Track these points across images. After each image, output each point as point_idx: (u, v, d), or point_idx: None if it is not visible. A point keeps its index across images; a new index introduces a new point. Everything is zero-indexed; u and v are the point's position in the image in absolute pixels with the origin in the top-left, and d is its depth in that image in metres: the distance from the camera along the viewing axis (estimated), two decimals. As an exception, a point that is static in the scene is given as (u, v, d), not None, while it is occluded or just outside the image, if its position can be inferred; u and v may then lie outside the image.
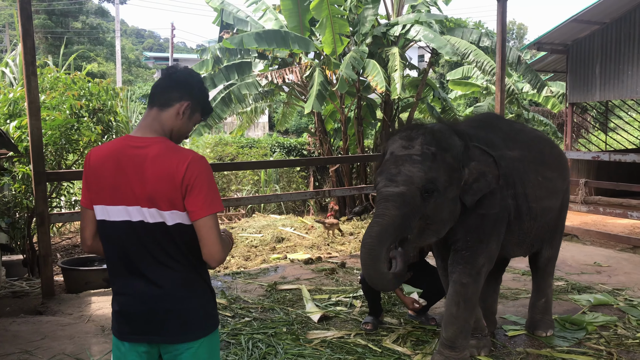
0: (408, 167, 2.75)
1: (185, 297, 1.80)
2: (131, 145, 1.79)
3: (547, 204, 3.31)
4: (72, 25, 32.57)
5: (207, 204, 1.73)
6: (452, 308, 3.02)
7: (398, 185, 2.73)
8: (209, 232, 1.74)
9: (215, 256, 1.76)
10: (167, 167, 1.72)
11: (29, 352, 3.44)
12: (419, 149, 2.80)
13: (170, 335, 1.79)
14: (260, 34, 8.43)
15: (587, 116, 13.15)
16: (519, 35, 40.83)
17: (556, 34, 9.40)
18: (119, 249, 1.81)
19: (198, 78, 1.91)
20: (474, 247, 2.99)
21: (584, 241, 6.67)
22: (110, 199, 1.79)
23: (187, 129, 1.89)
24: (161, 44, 53.85)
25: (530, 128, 3.63)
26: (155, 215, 1.75)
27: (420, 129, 2.90)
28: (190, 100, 1.85)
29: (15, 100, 6.08)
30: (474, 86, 13.00)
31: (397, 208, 2.69)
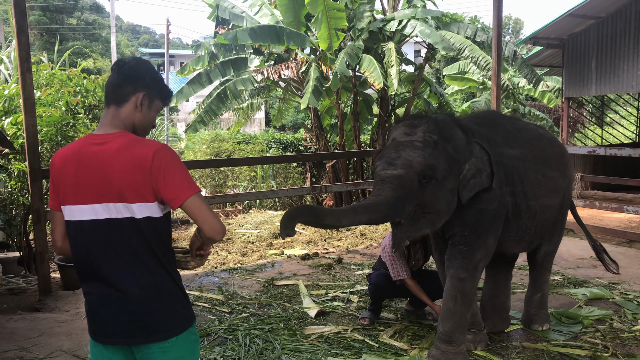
0: (408, 152, 2.77)
1: (152, 299, 1.75)
2: (92, 142, 1.77)
3: (546, 202, 3.30)
4: (67, 22, 32.42)
5: (185, 186, 1.72)
6: (449, 302, 3.02)
7: (396, 168, 2.74)
8: (200, 209, 1.73)
9: (217, 228, 1.75)
10: (132, 159, 1.70)
11: (26, 349, 3.44)
12: (421, 136, 2.81)
13: (138, 337, 1.76)
14: (255, 29, 8.40)
15: (583, 111, 13.18)
16: (515, 30, 40.84)
17: (552, 28, 9.41)
18: (84, 250, 1.78)
19: (147, 66, 1.87)
20: (471, 241, 2.99)
21: (580, 235, 6.69)
22: (74, 199, 1.76)
23: (150, 119, 1.86)
24: (157, 40, 53.67)
25: (533, 126, 3.63)
26: (123, 210, 1.72)
27: (424, 118, 2.92)
28: (145, 90, 1.82)
29: (11, 96, 6.05)
30: (470, 81, 13.01)
31: (392, 189, 2.70)
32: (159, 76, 1.91)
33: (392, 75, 8.37)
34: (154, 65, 2.03)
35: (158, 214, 1.74)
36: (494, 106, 7.59)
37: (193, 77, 9.66)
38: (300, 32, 9.07)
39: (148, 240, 1.74)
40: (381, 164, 2.82)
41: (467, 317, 3.10)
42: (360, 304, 4.21)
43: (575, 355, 3.29)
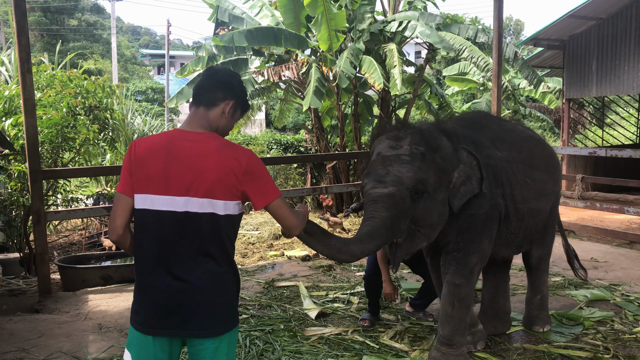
0: (396, 168, 2.67)
1: (217, 292, 1.85)
2: (184, 138, 1.89)
3: (535, 205, 3.26)
4: (67, 23, 32.44)
5: (273, 190, 1.92)
6: (447, 308, 3.01)
7: (387, 186, 2.64)
8: (284, 210, 1.94)
9: (299, 227, 2.03)
10: (228, 160, 1.85)
11: (25, 351, 3.43)
12: (408, 149, 2.72)
13: (198, 329, 1.84)
14: (252, 31, 8.38)
15: (584, 112, 13.17)
16: (515, 31, 40.85)
17: (553, 29, 9.41)
18: (156, 239, 1.84)
19: (238, 78, 2.04)
20: (466, 248, 2.97)
21: (581, 237, 6.69)
22: (156, 189, 1.84)
23: (230, 126, 2.02)
24: (157, 41, 53.72)
25: (522, 127, 3.54)
26: (206, 205, 1.83)
27: (408, 129, 2.82)
28: (234, 99, 1.98)
29: (11, 97, 6.05)
30: (470, 82, 13.01)
31: (386, 209, 2.61)
32: (245, 90, 2.07)
33: (395, 76, 8.36)
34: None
35: (236, 212, 1.90)
36: (495, 107, 7.58)
37: (193, 78, 9.65)
38: (301, 33, 9.07)
39: (222, 235, 1.86)
40: (370, 182, 2.72)
41: (467, 320, 3.09)
42: (361, 306, 4.20)
43: (576, 356, 3.28)
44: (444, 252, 3.05)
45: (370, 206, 2.65)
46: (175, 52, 36.62)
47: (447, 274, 3.01)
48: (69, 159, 6.45)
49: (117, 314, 4.12)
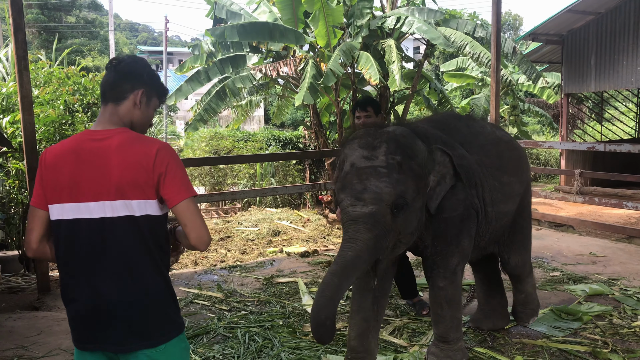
0: (374, 182, 2.47)
1: (140, 303, 1.71)
2: (91, 138, 1.74)
3: (502, 208, 3.20)
4: (65, 20, 32.35)
5: (184, 188, 1.71)
6: (437, 309, 2.98)
7: (366, 205, 2.45)
8: (193, 215, 1.71)
9: (204, 238, 1.72)
10: (135, 155, 1.69)
11: (25, 348, 3.43)
12: (384, 160, 2.51)
13: (125, 343, 1.71)
14: (245, 26, 8.34)
15: (583, 107, 13.18)
16: (514, 26, 40.79)
17: (551, 24, 9.41)
18: (73, 250, 1.72)
19: (143, 63, 1.87)
20: (443, 250, 2.89)
21: (580, 232, 6.70)
22: (68, 197, 1.71)
23: (148, 117, 1.86)
24: (155, 38, 53.60)
25: (490, 129, 3.42)
26: (120, 208, 1.68)
27: (382, 135, 2.61)
28: (143, 87, 1.81)
29: (8, 95, 6.04)
30: (469, 78, 13.00)
31: (368, 230, 2.43)
32: (156, 74, 1.91)
33: (393, 72, 8.35)
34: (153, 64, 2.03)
35: (157, 213, 1.72)
36: (493, 102, 7.58)
37: (192, 75, 9.64)
38: (299, 29, 9.04)
39: (145, 241, 1.70)
40: (347, 199, 2.51)
41: (459, 317, 3.05)
42: (360, 301, 4.20)
43: (575, 351, 3.28)
44: (423, 256, 3.00)
45: (351, 227, 2.47)
46: (173, 49, 36.55)
47: (430, 278, 2.96)
48: (67, 157, 6.44)
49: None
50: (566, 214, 7.66)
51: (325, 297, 2.33)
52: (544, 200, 8.87)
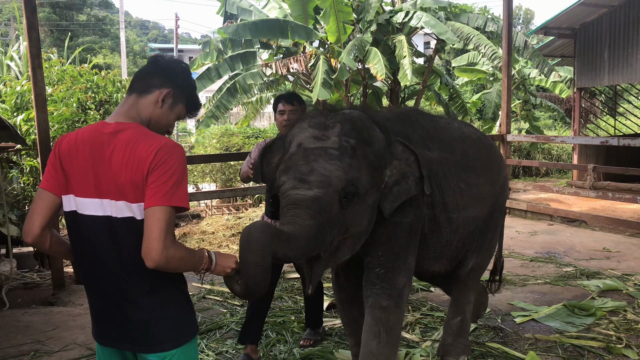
0: (323, 164, 2.12)
1: (153, 306, 1.64)
2: (103, 131, 1.63)
3: (471, 213, 2.78)
4: (76, 18, 32.59)
5: (161, 192, 1.53)
6: (372, 343, 2.40)
7: (311, 187, 2.08)
8: (153, 224, 1.51)
9: (152, 254, 1.51)
10: (136, 154, 1.56)
11: (41, 342, 3.48)
12: (336, 141, 2.18)
13: (139, 344, 1.66)
14: (257, 23, 8.36)
15: (596, 101, 13.04)
16: (525, 20, 40.42)
17: (563, 17, 9.31)
18: (86, 245, 1.67)
19: (183, 67, 1.76)
20: (390, 263, 2.45)
21: (593, 227, 6.64)
22: (81, 190, 1.63)
23: (167, 120, 1.73)
24: (165, 35, 53.80)
25: (457, 125, 3.03)
26: (124, 209, 1.59)
27: (337, 116, 2.28)
28: (172, 88, 1.70)
29: (22, 93, 6.11)
30: (480, 72, 12.91)
31: (310, 216, 2.03)
32: (193, 83, 1.79)
33: (405, 67, 8.32)
34: None
35: None
36: (505, 97, 7.53)
37: (202, 72, 9.67)
38: (309, 25, 9.04)
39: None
40: (289, 181, 2.13)
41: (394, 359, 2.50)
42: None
43: (589, 346, 3.27)
44: (364, 269, 2.50)
45: (291, 210, 2.08)
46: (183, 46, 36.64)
47: (369, 297, 2.45)
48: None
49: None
50: (579, 209, 7.59)
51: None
52: (556, 196, 8.80)
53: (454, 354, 3.05)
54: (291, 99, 3.24)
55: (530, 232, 6.43)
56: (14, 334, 3.64)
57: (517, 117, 13.55)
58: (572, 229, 6.61)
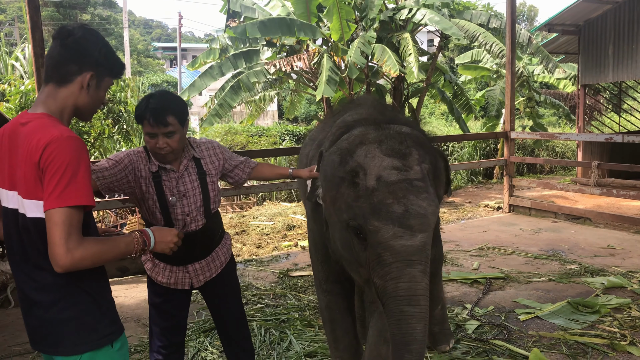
0: (416, 201, 1.86)
1: (56, 305, 1.55)
2: (19, 122, 1.56)
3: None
4: (80, 18, 32.67)
5: (55, 193, 1.42)
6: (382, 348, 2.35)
7: (414, 233, 1.83)
8: (52, 229, 1.42)
9: (56, 259, 1.42)
10: (29, 146, 1.47)
11: (46, 341, 3.50)
12: (418, 171, 1.93)
13: (44, 346, 1.60)
14: (264, 22, 8.38)
15: (600, 98, 12.97)
16: (529, 17, 40.26)
17: (568, 14, 9.27)
18: (5, 239, 1.63)
19: (95, 38, 1.62)
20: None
21: (597, 224, 6.62)
22: (2, 181, 1.60)
23: (97, 99, 1.64)
24: (169, 34, 53.88)
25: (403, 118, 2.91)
26: (19, 203, 1.53)
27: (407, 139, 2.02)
28: (94, 70, 1.59)
29: (27, 92, 6.14)
30: (483, 70, 12.86)
31: (425, 275, 1.85)
32: (110, 49, 1.66)
33: (410, 64, 8.31)
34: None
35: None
36: (509, 94, 7.51)
37: (205, 70, 9.68)
38: (312, 23, 9.03)
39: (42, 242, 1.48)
40: (387, 227, 1.83)
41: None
42: (375, 294, 4.21)
43: (593, 344, 3.26)
44: None
45: (404, 270, 1.82)
46: (187, 45, 36.72)
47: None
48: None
49: (134, 305, 4.18)
50: (583, 206, 7.57)
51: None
52: (560, 193, 8.78)
53: (445, 341, 3.22)
54: (162, 115, 2.10)
55: (535, 229, 6.42)
56: (20, 332, 3.66)
57: (521, 115, 13.51)
58: (576, 226, 6.59)
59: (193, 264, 2.34)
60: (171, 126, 2.11)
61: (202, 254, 2.36)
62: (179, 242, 1.77)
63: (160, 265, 2.34)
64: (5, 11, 34.20)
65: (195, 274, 2.36)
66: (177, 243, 1.75)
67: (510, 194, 7.57)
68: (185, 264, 2.33)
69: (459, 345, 3.31)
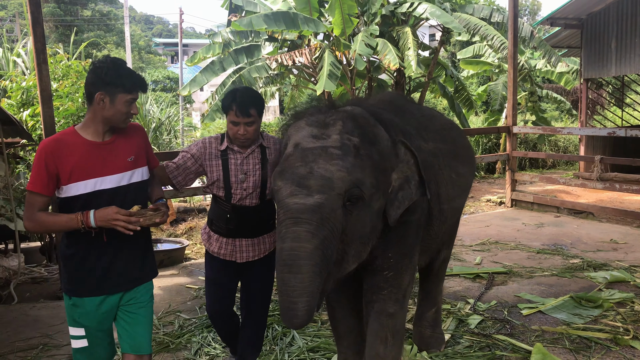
0: (324, 165, 1.93)
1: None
2: None
3: (458, 204, 2.78)
4: (81, 14, 32.62)
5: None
6: (379, 347, 2.34)
7: (311, 193, 1.88)
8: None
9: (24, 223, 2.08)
10: None
11: (49, 336, 3.51)
12: (338, 139, 2.00)
13: None
14: (269, 15, 8.36)
15: (603, 92, 12.93)
16: (532, 11, 40.10)
17: (570, 7, 9.22)
18: None
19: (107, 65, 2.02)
20: (398, 264, 2.32)
21: (600, 218, 6.60)
22: None
23: (118, 112, 2.04)
24: (170, 30, 53.77)
25: (438, 113, 3.01)
26: None
27: (338, 113, 2.13)
28: (103, 89, 2.01)
29: (28, 88, 6.13)
30: (485, 64, 12.82)
31: (312, 235, 1.85)
32: (122, 71, 2.04)
33: (410, 57, 8.29)
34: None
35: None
36: (511, 89, 7.49)
37: (206, 65, 9.66)
38: (313, 17, 9.01)
39: None
40: (286, 186, 1.93)
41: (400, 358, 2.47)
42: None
43: (596, 338, 3.26)
44: (368, 272, 2.34)
45: (290, 229, 1.87)
46: (188, 41, 36.64)
47: (375, 302, 2.34)
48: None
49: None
50: (586, 201, 7.56)
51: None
52: (563, 187, 8.76)
53: (436, 345, 3.13)
54: (246, 107, 2.44)
55: (537, 224, 6.40)
56: (23, 328, 3.67)
57: (523, 109, 13.48)
58: (579, 220, 6.58)
59: (240, 240, 2.59)
60: (252, 117, 2.45)
61: (251, 233, 2.60)
62: (124, 218, 2.00)
63: (214, 237, 2.64)
64: (6, 7, 34.15)
65: (240, 250, 2.61)
66: (121, 219, 1.99)
67: (512, 188, 7.55)
68: (234, 237, 2.58)
69: (462, 340, 3.31)
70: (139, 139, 2.21)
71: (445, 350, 3.15)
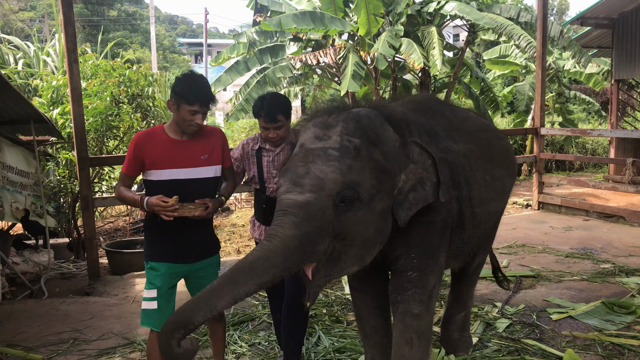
0: (320, 166, 2.01)
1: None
2: None
3: (493, 207, 2.73)
4: (107, 14, 33.18)
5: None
6: (404, 348, 2.34)
7: (303, 191, 1.98)
8: None
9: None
10: None
11: (79, 331, 3.57)
12: (337, 141, 2.06)
13: None
14: (297, 14, 8.37)
15: (634, 93, 12.62)
16: (560, 11, 39.41)
17: (601, 7, 9.03)
18: None
19: (183, 78, 2.42)
20: (422, 265, 2.34)
21: (632, 222, 6.45)
22: None
23: (181, 119, 2.41)
24: (194, 30, 54.30)
25: (475, 115, 3.00)
26: None
27: (341, 115, 2.17)
28: (171, 97, 2.42)
29: (58, 87, 6.23)
30: (512, 65, 12.64)
31: (295, 226, 1.93)
32: (189, 85, 2.38)
33: (434, 56, 8.20)
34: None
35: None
36: (539, 90, 7.36)
37: (231, 65, 9.71)
38: (338, 17, 8.99)
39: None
40: (285, 183, 2.05)
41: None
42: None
43: (629, 345, 3.17)
44: (393, 272, 2.39)
45: (278, 218, 1.99)
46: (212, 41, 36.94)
47: (400, 303, 2.35)
48: (113, 147, 6.61)
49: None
50: (616, 205, 7.38)
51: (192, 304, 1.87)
52: (592, 191, 8.58)
53: (464, 348, 3.10)
54: (274, 114, 2.68)
55: (565, 227, 6.28)
56: (54, 322, 3.74)
57: (550, 111, 13.24)
58: (609, 224, 6.43)
59: None
60: (280, 122, 2.70)
61: None
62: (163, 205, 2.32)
63: (256, 224, 2.96)
64: (35, 8, 34.91)
65: None
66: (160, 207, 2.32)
67: (539, 191, 7.42)
68: (268, 224, 2.54)
69: (490, 343, 3.26)
70: (216, 141, 2.56)
71: (473, 354, 3.10)
